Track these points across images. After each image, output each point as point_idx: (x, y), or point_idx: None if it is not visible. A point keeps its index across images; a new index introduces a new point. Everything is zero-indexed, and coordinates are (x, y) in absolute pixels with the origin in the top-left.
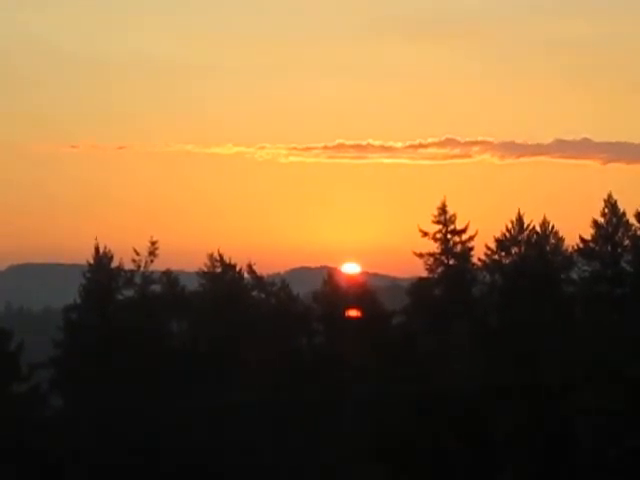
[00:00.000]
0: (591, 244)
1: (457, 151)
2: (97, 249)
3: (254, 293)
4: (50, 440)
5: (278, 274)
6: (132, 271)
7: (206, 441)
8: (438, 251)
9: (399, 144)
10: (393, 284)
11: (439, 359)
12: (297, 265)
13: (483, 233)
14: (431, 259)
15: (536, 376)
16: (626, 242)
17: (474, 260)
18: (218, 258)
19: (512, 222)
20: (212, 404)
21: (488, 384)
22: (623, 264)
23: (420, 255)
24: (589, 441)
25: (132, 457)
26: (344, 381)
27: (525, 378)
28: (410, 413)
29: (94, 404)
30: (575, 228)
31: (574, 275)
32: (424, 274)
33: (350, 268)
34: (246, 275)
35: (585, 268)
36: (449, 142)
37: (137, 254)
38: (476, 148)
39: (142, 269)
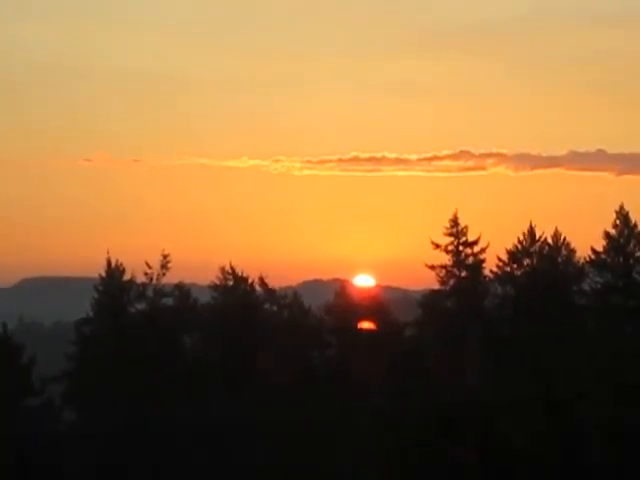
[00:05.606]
0: (603, 255)
1: (471, 163)
2: (109, 262)
3: (266, 306)
4: (63, 455)
5: (290, 287)
6: (144, 284)
7: (218, 456)
8: (450, 263)
9: (413, 156)
10: (405, 296)
11: (451, 371)
12: (309, 278)
13: (497, 245)
14: (443, 271)
15: (548, 388)
16: (638, 253)
17: (486, 272)
18: (230, 271)
19: (524, 234)
20: (224, 418)
21: (500, 396)
22: (635, 275)
23: (432, 267)
24: (604, 453)
25: (145, 471)
26: (357, 393)
27: (538, 390)
28: (423, 426)
29: (107, 418)
30: (587, 239)
31: (586, 286)
32: (436, 286)
33: (362, 280)
34: (258, 288)
35: (597, 279)
36: (463, 154)
37: (149, 267)
38: (490, 160)
39: (154, 282)
